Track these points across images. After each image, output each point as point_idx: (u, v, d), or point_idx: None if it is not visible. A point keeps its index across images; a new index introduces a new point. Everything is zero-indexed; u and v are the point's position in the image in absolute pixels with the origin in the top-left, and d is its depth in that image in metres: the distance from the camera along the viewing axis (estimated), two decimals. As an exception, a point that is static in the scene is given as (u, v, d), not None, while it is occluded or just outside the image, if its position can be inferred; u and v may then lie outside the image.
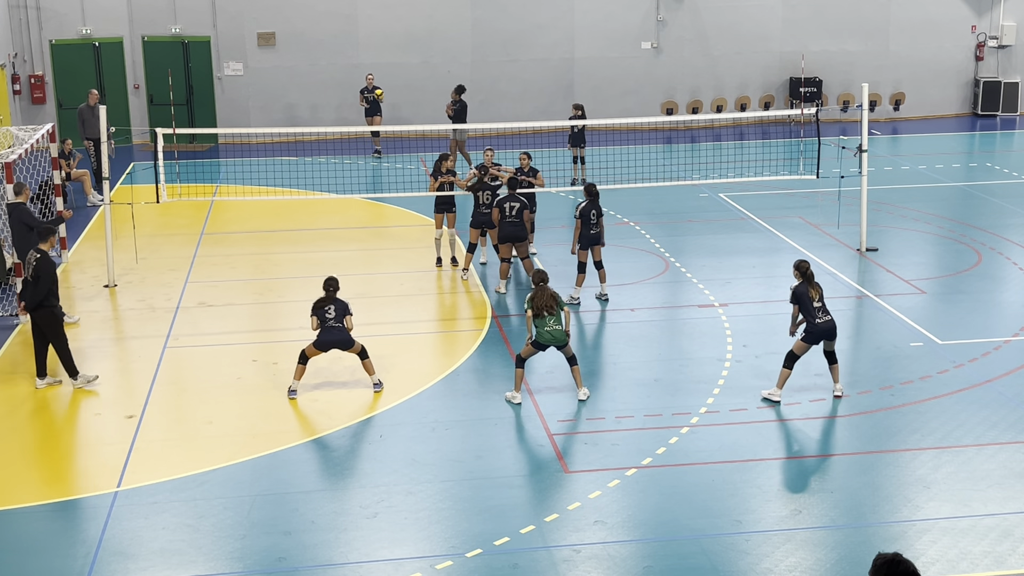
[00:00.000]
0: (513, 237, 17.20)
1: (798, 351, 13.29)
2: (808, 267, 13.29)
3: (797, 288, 13.22)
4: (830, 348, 13.42)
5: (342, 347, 13.73)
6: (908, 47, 31.59)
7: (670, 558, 10.20)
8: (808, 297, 13.10)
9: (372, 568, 10.14)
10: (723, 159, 26.78)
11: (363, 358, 13.85)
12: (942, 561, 10.08)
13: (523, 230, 17.25)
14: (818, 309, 13.11)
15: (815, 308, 13.10)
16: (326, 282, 13.76)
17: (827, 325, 13.16)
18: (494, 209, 17.34)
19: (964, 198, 23.37)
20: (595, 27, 30.36)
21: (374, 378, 13.89)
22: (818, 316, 13.10)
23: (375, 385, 13.85)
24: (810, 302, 13.10)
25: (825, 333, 13.19)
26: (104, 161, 18.20)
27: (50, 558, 10.36)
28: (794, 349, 13.31)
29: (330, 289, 13.70)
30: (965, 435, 12.51)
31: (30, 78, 28.60)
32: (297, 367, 13.78)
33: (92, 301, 17.48)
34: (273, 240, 20.56)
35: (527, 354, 13.49)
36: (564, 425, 12.91)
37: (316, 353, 13.78)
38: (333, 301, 13.68)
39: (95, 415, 13.53)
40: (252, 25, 29.32)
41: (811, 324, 13.11)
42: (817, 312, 13.10)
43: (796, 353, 13.30)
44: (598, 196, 16.88)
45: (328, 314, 13.62)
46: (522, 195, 17.54)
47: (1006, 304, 16.84)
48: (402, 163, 26.57)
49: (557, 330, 13.29)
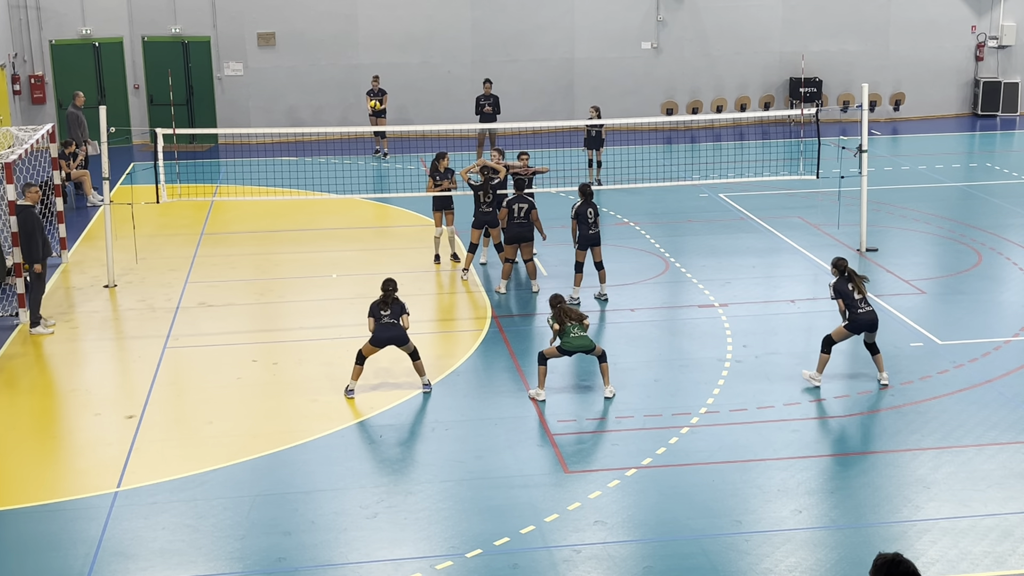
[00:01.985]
0: (520, 238, 17.36)
1: (836, 337, 13.73)
2: (846, 264, 13.82)
3: (836, 284, 13.68)
4: (871, 340, 13.82)
5: (397, 343, 13.69)
6: (908, 47, 31.60)
7: (670, 558, 10.20)
8: (849, 291, 13.57)
9: (372, 568, 10.13)
10: (723, 159, 26.78)
11: (415, 359, 13.85)
12: (942, 561, 10.07)
13: (530, 231, 17.39)
14: (860, 300, 13.57)
15: (857, 300, 13.55)
16: (384, 283, 13.78)
17: (869, 316, 13.58)
18: (503, 209, 17.47)
19: (964, 198, 23.37)
20: (595, 27, 30.37)
21: (424, 379, 13.91)
22: (860, 307, 13.56)
23: (425, 386, 13.87)
24: (852, 294, 13.56)
25: (867, 324, 13.61)
26: (104, 161, 18.18)
27: (50, 558, 10.36)
28: (833, 335, 13.76)
29: (389, 289, 13.70)
30: (965, 435, 12.51)
31: (30, 78, 28.61)
32: (354, 367, 13.75)
33: (92, 301, 17.48)
34: (273, 240, 20.56)
35: (550, 355, 13.57)
36: (564, 425, 12.91)
37: (373, 351, 13.71)
38: (392, 303, 13.69)
39: (95, 415, 13.53)
40: (252, 25, 29.33)
41: (853, 314, 13.55)
42: (859, 303, 13.56)
43: (834, 339, 13.74)
44: (592, 196, 16.93)
45: (383, 311, 13.63)
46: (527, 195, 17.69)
47: (1006, 304, 16.84)
48: (402, 163, 26.57)
49: (584, 336, 13.48)
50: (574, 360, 14.76)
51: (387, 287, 13.75)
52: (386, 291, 13.72)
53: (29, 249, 15.93)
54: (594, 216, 16.73)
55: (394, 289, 13.77)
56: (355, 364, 13.77)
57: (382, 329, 13.64)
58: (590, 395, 13.73)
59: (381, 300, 13.72)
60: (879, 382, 13.84)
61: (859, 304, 13.54)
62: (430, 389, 13.87)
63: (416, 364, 13.89)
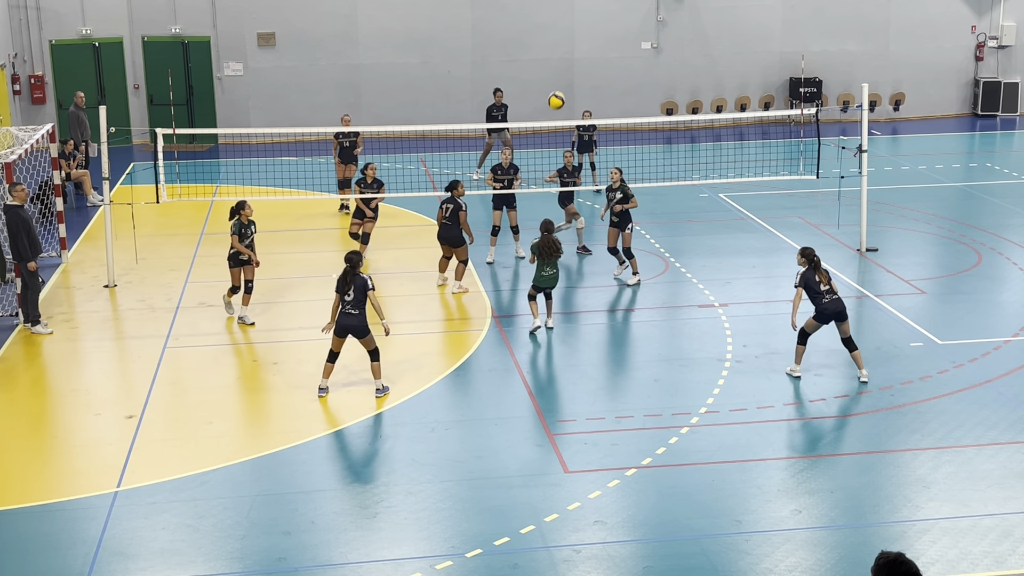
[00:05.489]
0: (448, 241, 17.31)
1: (808, 328, 13.90)
2: (813, 253, 13.91)
3: (804, 273, 13.77)
4: (845, 334, 13.85)
5: (356, 335, 13.48)
6: (908, 47, 31.59)
7: (670, 558, 10.20)
8: (815, 282, 13.66)
9: (372, 568, 10.13)
10: (723, 159, 26.78)
11: (373, 359, 13.67)
12: (942, 561, 10.08)
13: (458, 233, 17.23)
14: (826, 291, 13.63)
15: (823, 291, 13.62)
16: (346, 256, 13.51)
17: (835, 305, 13.67)
18: (438, 209, 17.51)
19: (964, 198, 23.37)
20: (595, 27, 30.36)
21: (379, 382, 13.72)
22: (825, 297, 13.64)
23: (378, 390, 13.69)
24: (817, 286, 13.65)
25: (834, 314, 13.68)
26: (104, 161, 18.19)
27: (50, 558, 10.36)
28: (805, 327, 13.90)
29: (348, 263, 13.44)
30: (965, 435, 12.51)
31: (30, 78, 28.61)
32: (325, 365, 13.68)
33: (92, 301, 17.48)
34: (273, 240, 20.54)
35: (531, 294, 15.55)
36: (564, 425, 12.91)
37: (338, 343, 13.57)
38: (353, 278, 13.39)
39: (95, 415, 13.52)
40: (252, 25, 29.32)
41: (819, 304, 13.65)
42: (824, 294, 13.63)
43: (807, 331, 13.91)
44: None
45: (347, 296, 13.39)
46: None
47: (1006, 304, 16.84)
48: (402, 163, 26.57)
49: (552, 275, 15.46)
50: (574, 360, 14.78)
51: (347, 259, 13.47)
52: (347, 263, 13.44)
53: (16, 248, 15.95)
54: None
55: (355, 264, 13.46)
56: (326, 361, 13.71)
57: (342, 318, 13.44)
58: (590, 395, 13.74)
59: (341, 275, 13.45)
60: (859, 380, 13.86)
61: (824, 294, 13.63)
62: (384, 394, 13.67)
63: (373, 365, 13.65)
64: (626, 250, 17.60)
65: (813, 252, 13.90)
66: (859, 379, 13.89)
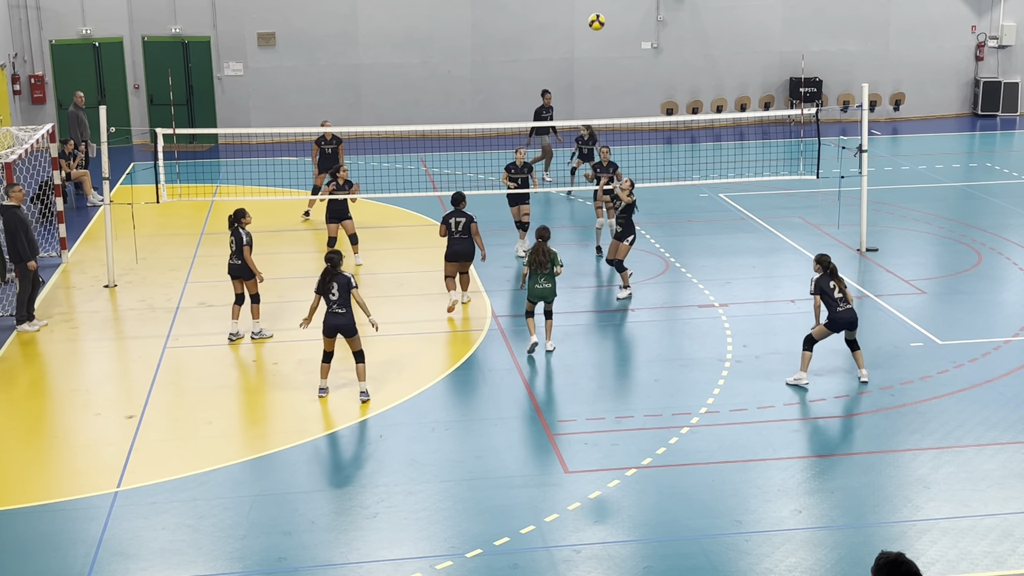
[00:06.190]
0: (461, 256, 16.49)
1: (817, 336, 13.80)
2: (829, 260, 13.83)
3: (819, 280, 13.67)
4: (851, 337, 13.86)
5: (344, 334, 13.45)
6: (908, 47, 31.59)
7: (670, 558, 10.20)
8: (830, 288, 13.60)
9: (372, 568, 10.13)
10: (723, 159, 26.77)
11: (359, 361, 13.62)
12: (942, 561, 10.07)
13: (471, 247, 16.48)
14: (840, 299, 13.57)
15: (837, 299, 13.56)
16: (326, 256, 13.48)
17: (848, 315, 13.64)
18: (441, 225, 16.62)
19: (964, 198, 23.36)
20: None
21: (363, 385, 13.61)
22: (839, 306, 13.57)
23: (362, 394, 13.61)
24: (832, 292, 13.59)
25: (847, 323, 13.66)
26: (104, 161, 18.18)
27: (50, 558, 10.36)
28: (813, 333, 13.81)
29: (328, 262, 13.38)
30: (965, 435, 12.51)
31: (30, 78, 28.60)
32: (321, 366, 13.68)
33: (92, 301, 17.48)
34: (273, 240, 20.54)
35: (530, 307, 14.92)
36: (564, 425, 12.91)
37: (328, 344, 13.55)
38: (335, 277, 13.36)
39: (95, 415, 13.52)
40: (252, 25, 29.32)
41: (833, 312, 13.58)
42: (839, 302, 13.57)
43: (815, 337, 13.81)
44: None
45: (332, 296, 13.39)
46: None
47: (1006, 304, 16.84)
48: (402, 163, 26.56)
49: (546, 288, 14.82)
50: (574, 360, 14.77)
51: (328, 259, 13.42)
52: (327, 262, 13.39)
53: (14, 248, 15.96)
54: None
55: (334, 263, 13.38)
56: (322, 362, 13.70)
57: (329, 318, 13.44)
58: (590, 395, 13.73)
59: (321, 275, 13.42)
60: (859, 380, 13.87)
61: (839, 303, 13.57)
62: (367, 399, 13.60)
63: (359, 367, 13.60)
64: (619, 262, 17.12)
65: (829, 259, 13.78)
66: (859, 379, 13.89)
